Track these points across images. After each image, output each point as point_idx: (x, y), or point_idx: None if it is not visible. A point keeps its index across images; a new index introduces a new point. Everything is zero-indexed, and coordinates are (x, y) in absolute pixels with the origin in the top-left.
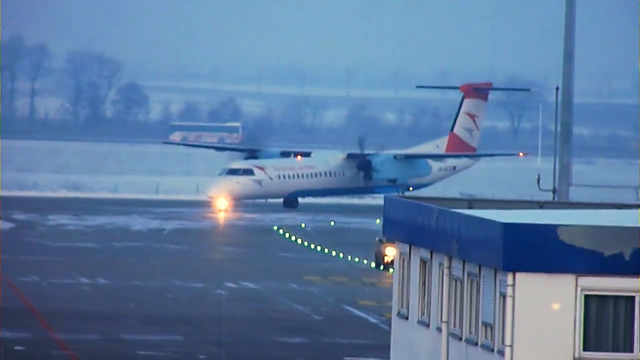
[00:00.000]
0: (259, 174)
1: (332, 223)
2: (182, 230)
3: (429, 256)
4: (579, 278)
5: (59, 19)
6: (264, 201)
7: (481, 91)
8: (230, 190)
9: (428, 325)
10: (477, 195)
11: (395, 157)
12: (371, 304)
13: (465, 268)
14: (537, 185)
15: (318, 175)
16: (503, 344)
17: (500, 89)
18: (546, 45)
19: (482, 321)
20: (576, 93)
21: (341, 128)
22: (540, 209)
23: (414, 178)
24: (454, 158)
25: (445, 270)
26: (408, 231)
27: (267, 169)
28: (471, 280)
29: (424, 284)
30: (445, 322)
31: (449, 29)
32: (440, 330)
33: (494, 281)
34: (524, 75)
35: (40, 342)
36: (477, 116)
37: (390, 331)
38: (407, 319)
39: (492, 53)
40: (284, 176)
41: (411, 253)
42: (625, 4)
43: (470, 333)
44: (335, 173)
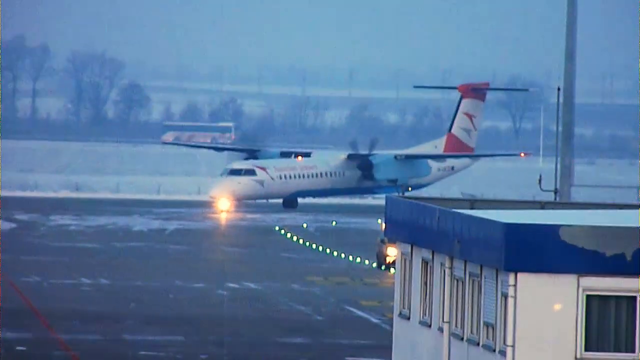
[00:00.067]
0: (260, 174)
1: (334, 223)
2: (184, 231)
3: (431, 256)
4: (580, 278)
5: (60, 19)
6: (265, 201)
7: (479, 91)
8: (232, 191)
9: (430, 326)
10: (479, 196)
11: (395, 158)
12: (373, 304)
13: (467, 268)
14: (539, 186)
15: (319, 176)
16: (505, 344)
17: (498, 89)
18: (547, 45)
19: (484, 321)
20: (577, 93)
21: (342, 128)
22: (541, 209)
23: (414, 178)
24: (454, 158)
25: (447, 271)
26: (410, 231)
27: (269, 169)
28: (473, 280)
29: (426, 284)
30: (446, 323)
31: (450, 30)
32: (442, 331)
33: (495, 281)
34: (525, 75)
35: (41, 343)
36: (475, 116)
37: (391, 331)
38: (409, 319)
39: (493, 53)
40: (285, 176)
41: (413, 253)
42: (626, 4)
43: (471, 333)
44: (335, 173)
